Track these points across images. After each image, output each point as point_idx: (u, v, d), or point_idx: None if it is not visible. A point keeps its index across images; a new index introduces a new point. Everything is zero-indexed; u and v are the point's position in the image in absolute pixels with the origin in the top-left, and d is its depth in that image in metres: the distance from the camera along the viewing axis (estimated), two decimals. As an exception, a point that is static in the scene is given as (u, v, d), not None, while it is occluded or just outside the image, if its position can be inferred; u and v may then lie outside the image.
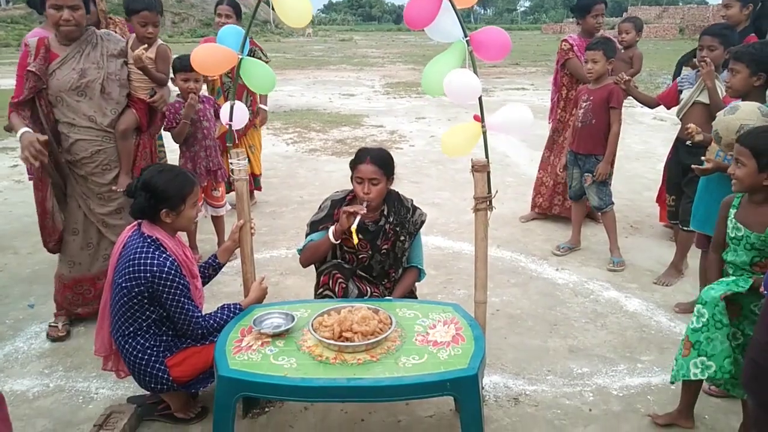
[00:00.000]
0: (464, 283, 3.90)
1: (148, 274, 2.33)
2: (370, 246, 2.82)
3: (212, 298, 3.69)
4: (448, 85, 2.28)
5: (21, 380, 2.96)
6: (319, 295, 2.79)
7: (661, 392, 2.87)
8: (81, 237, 3.29)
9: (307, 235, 2.87)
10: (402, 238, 2.85)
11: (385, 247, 2.83)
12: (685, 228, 3.83)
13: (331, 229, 2.71)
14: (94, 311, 3.24)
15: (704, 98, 3.72)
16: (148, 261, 2.35)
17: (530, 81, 14.64)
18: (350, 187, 2.86)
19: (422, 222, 2.92)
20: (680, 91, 3.92)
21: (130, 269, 2.36)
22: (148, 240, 2.42)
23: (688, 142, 3.91)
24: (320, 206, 2.89)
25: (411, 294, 2.99)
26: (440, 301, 3.55)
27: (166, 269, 2.35)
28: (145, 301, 2.39)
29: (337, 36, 31.56)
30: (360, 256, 2.82)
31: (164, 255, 2.39)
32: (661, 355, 3.18)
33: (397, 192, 2.92)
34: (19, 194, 5.84)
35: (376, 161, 2.74)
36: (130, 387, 2.82)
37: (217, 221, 4.34)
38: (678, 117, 4.01)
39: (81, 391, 2.88)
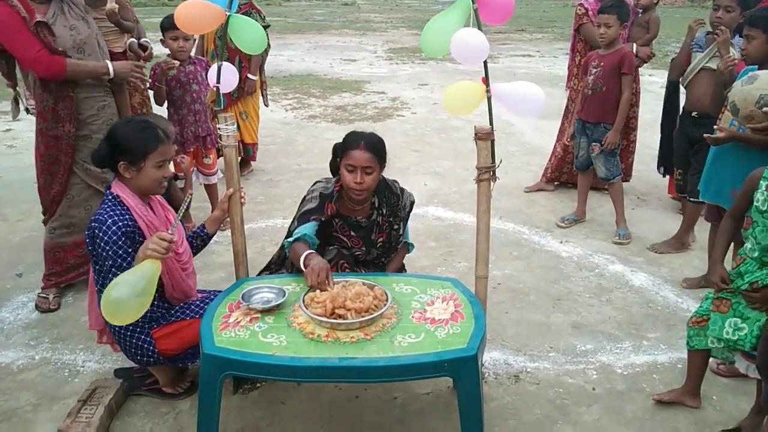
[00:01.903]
0: (465, 256, 3.78)
1: (95, 224, 2.22)
2: (363, 242, 2.65)
3: (205, 268, 3.59)
4: (456, 43, 2.11)
5: (5, 352, 2.87)
6: None
7: (668, 371, 2.77)
8: (77, 201, 3.18)
9: (294, 228, 2.58)
10: (396, 226, 2.70)
11: (381, 239, 2.68)
12: (693, 199, 3.71)
13: (303, 259, 2.36)
14: (87, 274, 3.20)
15: (714, 64, 3.55)
16: (96, 216, 2.23)
17: (536, 48, 14.27)
18: None
19: (412, 204, 2.76)
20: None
21: (88, 227, 2.28)
22: (110, 197, 2.29)
23: (693, 113, 3.75)
24: (307, 197, 2.64)
25: (401, 269, 2.86)
26: (440, 275, 3.45)
27: (104, 227, 2.19)
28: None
29: (339, 0, 30.82)
30: (356, 254, 2.66)
31: (113, 212, 2.22)
32: (668, 332, 3.07)
33: (384, 177, 2.70)
34: (9, 159, 5.69)
35: (370, 148, 2.49)
36: (118, 360, 2.73)
37: (210, 189, 4.19)
38: (683, 85, 3.82)
39: (67, 364, 2.79)
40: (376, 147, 2.52)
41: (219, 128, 2.50)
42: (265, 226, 4.32)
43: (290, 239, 2.51)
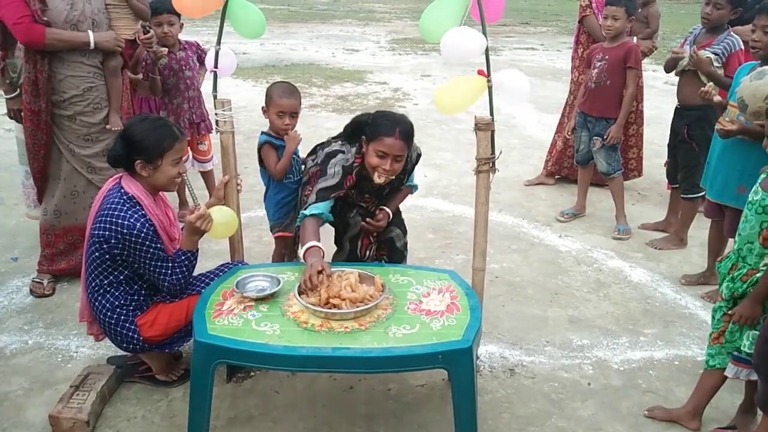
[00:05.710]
0: (463, 248, 3.76)
1: (124, 230, 2.21)
2: (376, 198, 2.76)
3: (202, 256, 3.50)
4: (445, 45, 2.11)
5: (-1, 336, 2.86)
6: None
7: (664, 367, 2.76)
8: (64, 184, 3.14)
9: (312, 202, 2.52)
10: (401, 176, 2.72)
11: (388, 190, 2.78)
12: (685, 196, 3.72)
13: (304, 252, 2.36)
14: (79, 265, 3.17)
15: None
16: (119, 220, 2.22)
17: (540, 41, 14.18)
18: None
19: (418, 156, 2.82)
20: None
21: (103, 224, 2.24)
22: (125, 197, 2.28)
23: (677, 105, 3.74)
24: (328, 169, 2.54)
25: (401, 254, 2.87)
26: (437, 266, 3.43)
27: (135, 231, 2.22)
28: (117, 258, 2.28)
29: (343, -11, 30.64)
30: (369, 209, 2.76)
31: (137, 215, 2.25)
32: (666, 329, 3.06)
33: None
34: (7, 143, 5.65)
35: (405, 137, 2.47)
36: (112, 346, 2.69)
37: (207, 176, 4.14)
38: (675, 74, 3.81)
39: (60, 349, 2.78)
40: (409, 135, 2.52)
41: (216, 114, 2.47)
42: (263, 215, 4.27)
43: (305, 212, 2.50)
